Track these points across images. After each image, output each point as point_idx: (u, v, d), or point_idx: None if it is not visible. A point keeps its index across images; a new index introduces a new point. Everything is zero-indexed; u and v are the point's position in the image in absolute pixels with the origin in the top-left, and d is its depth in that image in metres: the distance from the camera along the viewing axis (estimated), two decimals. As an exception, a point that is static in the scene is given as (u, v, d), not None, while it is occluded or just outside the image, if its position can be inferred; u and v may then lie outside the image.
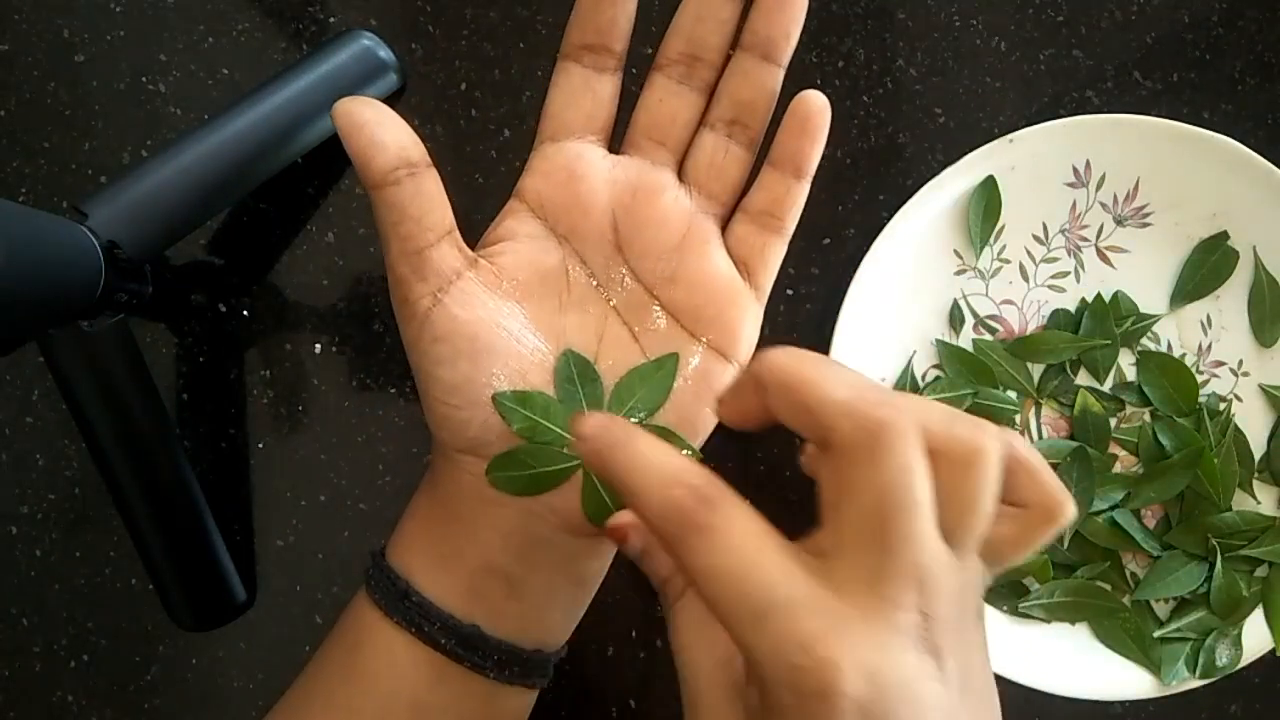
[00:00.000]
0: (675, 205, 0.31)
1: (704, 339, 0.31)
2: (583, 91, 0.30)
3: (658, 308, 0.31)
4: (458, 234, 0.30)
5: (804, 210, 0.40)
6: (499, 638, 0.30)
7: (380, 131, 0.27)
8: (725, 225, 0.32)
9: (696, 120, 0.31)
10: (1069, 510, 0.24)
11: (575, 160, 0.30)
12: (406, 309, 0.29)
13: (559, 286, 0.30)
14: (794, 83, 0.31)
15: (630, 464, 0.23)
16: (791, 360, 0.23)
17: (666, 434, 0.30)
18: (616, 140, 0.32)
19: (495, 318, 0.29)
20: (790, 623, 0.20)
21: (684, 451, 0.30)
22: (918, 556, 0.21)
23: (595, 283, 0.31)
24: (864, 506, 0.21)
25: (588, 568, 0.31)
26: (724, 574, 0.21)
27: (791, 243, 0.40)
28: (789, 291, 0.40)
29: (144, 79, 0.40)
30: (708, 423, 0.31)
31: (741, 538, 0.21)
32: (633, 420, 0.30)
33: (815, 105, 0.29)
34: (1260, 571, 0.39)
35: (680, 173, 0.31)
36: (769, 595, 0.21)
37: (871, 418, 0.21)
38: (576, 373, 0.30)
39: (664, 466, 0.22)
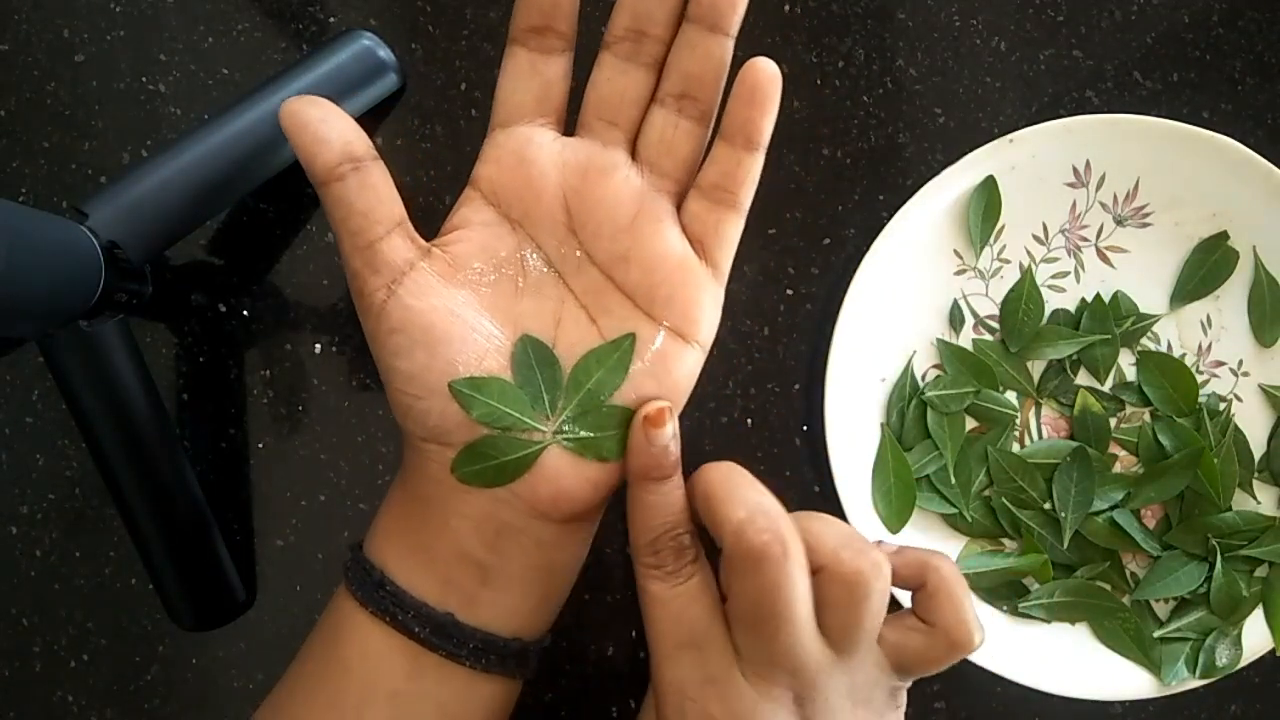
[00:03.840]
0: (626, 185, 0.30)
1: (663, 320, 0.30)
2: (530, 75, 0.30)
3: (614, 289, 0.31)
4: (409, 225, 0.30)
5: (803, 210, 0.40)
6: (474, 626, 0.30)
7: (323, 128, 0.28)
8: (682, 204, 0.31)
9: (647, 98, 0.30)
10: (974, 644, 0.29)
11: (525, 145, 0.30)
12: (362, 301, 0.29)
13: (514, 272, 0.30)
14: (793, 83, 0.31)
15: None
16: (712, 475, 0.29)
17: (625, 416, 0.30)
18: (572, 122, 0.32)
19: (450, 306, 0.29)
20: (699, 664, 0.28)
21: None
22: (788, 652, 0.27)
23: (551, 267, 0.31)
24: (744, 608, 0.28)
25: (559, 555, 0.31)
26: (658, 608, 0.29)
27: (791, 242, 0.40)
28: (789, 291, 0.40)
29: (144, 79, 0.40)
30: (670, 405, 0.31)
31: (685, 588, 0.29)
32: (592, 402, 0.30)
33: (764, 73, 0.28)
34: (1260, 571, 0.39)
35: (633, 152, 0.31)
36: (693, 633, 0.28)
37: (753, 542, 0.27)
38: (534, 357, 0.30)
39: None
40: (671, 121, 0.30)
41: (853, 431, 0.39)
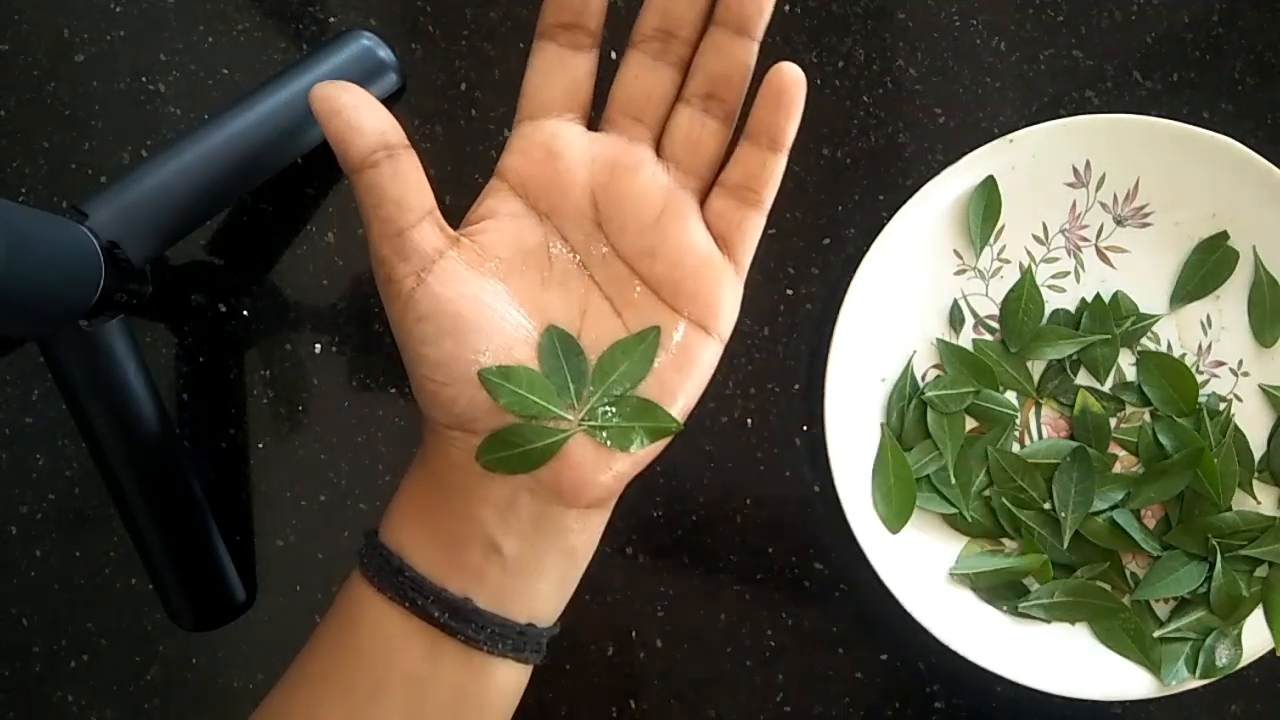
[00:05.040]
0: (652, 181, 0.31)
1: (685, 313, 0.31)
2: (559, 70, 0.30)
3: (639, 282, 0.31)
4: (439, 214, 0.30)
5: (803, 210, 0.40)
6: (492, 610, 0.30)
7: (357, 115, 0.28)
8: (705, 200, 0.32)
9: (673, 96, 0.31)
10: None
11: (553, 138, 0.31)
12: (391, 289, 0.29)
13: (541, 263, 0.31)
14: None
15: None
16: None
17: (650, 407, 0.30)
18: (596, 118, 0.32)
19: (479, 295, 0.29)
20: None
21: (669, 425, 0.30)
22: None
23: (577, 259, 0.31)
24: None
25: (577, 539, 0.31)
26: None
27: (791, 242, 0.40)
28: (789, 291, 0.40)
29: (144, 79, 0.40)
30: (690, 396, 0.31)
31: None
32: (617, 392, 0.30)
33: (790, 78, 0.29)
34: (1260, 571, 0.39)
35: (658, 149, 0.32)
36: None
37: None
38: (560, 347, 0.30)
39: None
40: (698, 121, 0.31)
41: (853, 431, 0.39)
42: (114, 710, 0.41)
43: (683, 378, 0.31)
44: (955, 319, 0.39)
